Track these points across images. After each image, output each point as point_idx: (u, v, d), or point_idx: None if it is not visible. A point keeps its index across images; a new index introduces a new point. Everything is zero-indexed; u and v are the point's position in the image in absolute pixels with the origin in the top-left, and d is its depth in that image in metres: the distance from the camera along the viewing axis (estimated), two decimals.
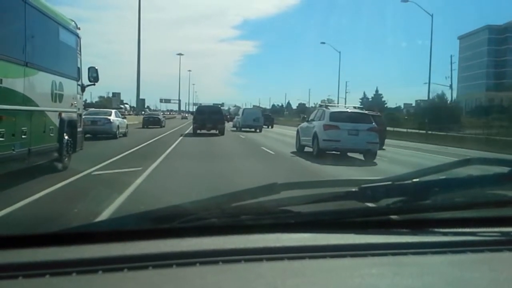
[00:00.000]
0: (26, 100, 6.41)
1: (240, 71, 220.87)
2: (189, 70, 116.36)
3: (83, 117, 16.81)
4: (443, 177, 1.28)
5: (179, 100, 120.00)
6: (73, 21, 8.95)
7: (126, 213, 1.16)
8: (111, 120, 19.26)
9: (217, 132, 23.94)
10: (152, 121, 32.69)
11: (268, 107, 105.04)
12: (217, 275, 0.91)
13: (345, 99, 72.24)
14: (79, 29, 9.27)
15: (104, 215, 4.62)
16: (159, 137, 20.71)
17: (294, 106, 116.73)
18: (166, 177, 8.51)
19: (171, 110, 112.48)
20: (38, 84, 6.89)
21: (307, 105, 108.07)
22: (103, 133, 18.46)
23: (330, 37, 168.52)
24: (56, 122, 7.74)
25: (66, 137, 8.19)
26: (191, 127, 26.00)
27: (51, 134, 7.52)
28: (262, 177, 8.22)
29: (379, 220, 1.22)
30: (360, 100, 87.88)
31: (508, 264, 1.04)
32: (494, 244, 1.12)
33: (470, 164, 1.32)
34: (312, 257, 1.00)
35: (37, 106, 6.83)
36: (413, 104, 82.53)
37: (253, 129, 31.59)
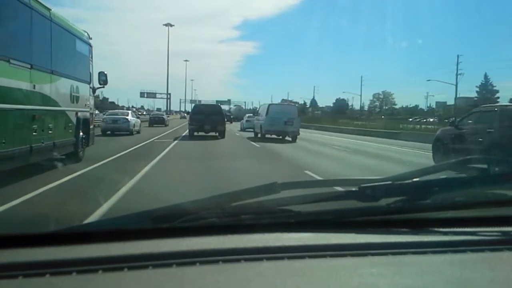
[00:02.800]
0: (52, 102, 7.82)
1: (241, 72, 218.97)
2: (186, 60, 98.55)
3: (106, 117, 23.38)
4: (443, 176, 1.28)
5: (168, 95, 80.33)
6: (86, 32, 10.27)
7: (126, 213, 1.16)
8: (129, 119, 22.42)
9: (217, 134, 20.36)
10: (158, 120, 36.29)
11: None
12: (217, 274, 0.91)
13: (456, 86, 50.39)
14: (91, 39, 10.54)
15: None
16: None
17: (319, 104, 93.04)
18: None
19: (158, 110, 76.38)
20: (60, 88, 8.26)
21: (349, 102, 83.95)
22: (122, 130, 21.56)
23: (332, 36, 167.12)
24: (74, 120, 9.04)
25: (81, 133, 9.51)
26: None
27: (70, 131, 8.83)
28: None
29: (379, 219, 1.22)
30: (477, 89, 65.05)
31: (508, 264, 1.04)
32: (494, 243, 1.12)
33: (470, 163, 1.33)
34: (312, 256, 1.00)
35: (59, 106, 8.21)
36: None
37: (280, 136, 20.65)
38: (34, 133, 6.90)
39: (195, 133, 20.33)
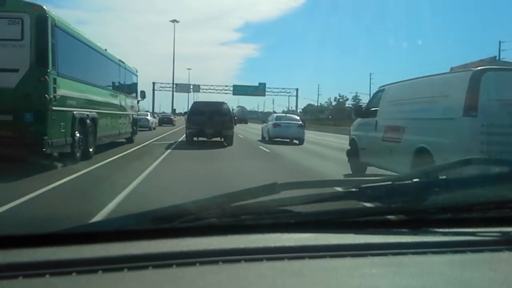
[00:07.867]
0: (124, 109, 15.14)
1: (242, 74, 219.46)
2: (174, 20, 59.90)
3: None
4: (443, 177, 1.28)
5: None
6: (135, 68, 18.08)
7: (126, 213, 1.16)
8: (148, 119, 30.69)
9: (222, 140, 16.29)
10: (166, 120, 43.24)
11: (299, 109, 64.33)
12: (217, 275, 0.91)
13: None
14: (137, 72, 18.40)
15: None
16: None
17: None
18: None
19: None
20: (127, 102, 15.72)
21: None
22: (143, 127, 28.16)
23: (333, 38, 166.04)
24: (131, 119, 16.31)
25: (134, 127, 16.74)
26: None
27: (129, 125, 15.99)
28: None
29: (379, 220, 1.22)
30: None
31: (508, 264, 1.04)
32: (494, 244, 1.12)
33: (470, 164, 1.33)
34: (312, 257, 1.00)
35: (126, 112, 15.50)
36: None
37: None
38: (120, 124, 14.20)
39: (195, 138, 16.24)
